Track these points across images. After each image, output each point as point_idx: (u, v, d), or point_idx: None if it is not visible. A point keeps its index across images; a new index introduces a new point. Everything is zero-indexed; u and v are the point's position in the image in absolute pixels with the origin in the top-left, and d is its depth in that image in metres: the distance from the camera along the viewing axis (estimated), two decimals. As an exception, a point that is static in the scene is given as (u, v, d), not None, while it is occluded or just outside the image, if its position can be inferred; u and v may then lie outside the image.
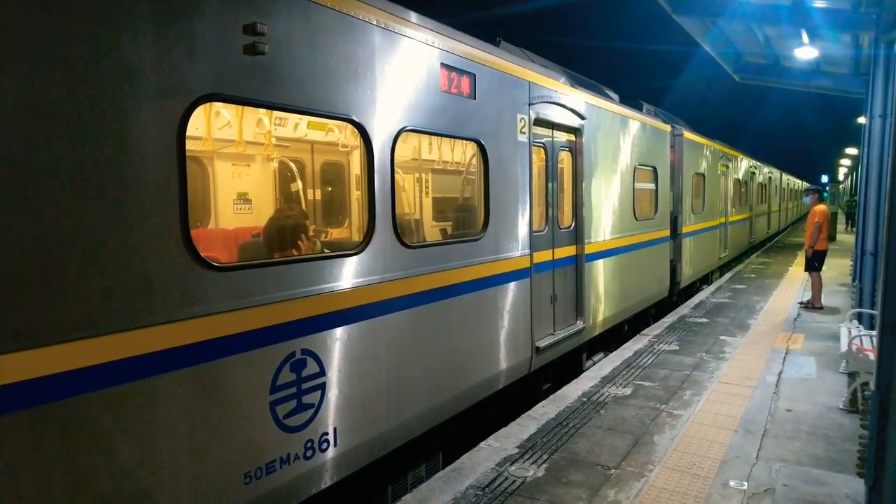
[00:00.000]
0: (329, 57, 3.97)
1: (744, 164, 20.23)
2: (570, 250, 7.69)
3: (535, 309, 6.63)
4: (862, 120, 13.33)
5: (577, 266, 7.88)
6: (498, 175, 5.93)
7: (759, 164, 24.19)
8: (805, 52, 12.12)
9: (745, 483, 4.62)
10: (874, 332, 6.35)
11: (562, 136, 7.51)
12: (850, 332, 6.85)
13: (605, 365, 7.88)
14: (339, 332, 4.09)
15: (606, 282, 8.72)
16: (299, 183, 6.52)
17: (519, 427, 5.76)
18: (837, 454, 5.17)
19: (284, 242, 4.41)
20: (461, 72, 5.34)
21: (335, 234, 6.62)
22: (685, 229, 12.77)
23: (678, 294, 12.93)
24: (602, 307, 8.59)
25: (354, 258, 4.23)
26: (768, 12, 10.32)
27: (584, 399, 6.55)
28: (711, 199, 15.24)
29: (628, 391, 6.80)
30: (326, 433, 3.99)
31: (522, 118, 6.35)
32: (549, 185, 7.20)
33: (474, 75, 5.51)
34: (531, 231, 6.53)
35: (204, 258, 3.26)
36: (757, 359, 8.07)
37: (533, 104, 6.54)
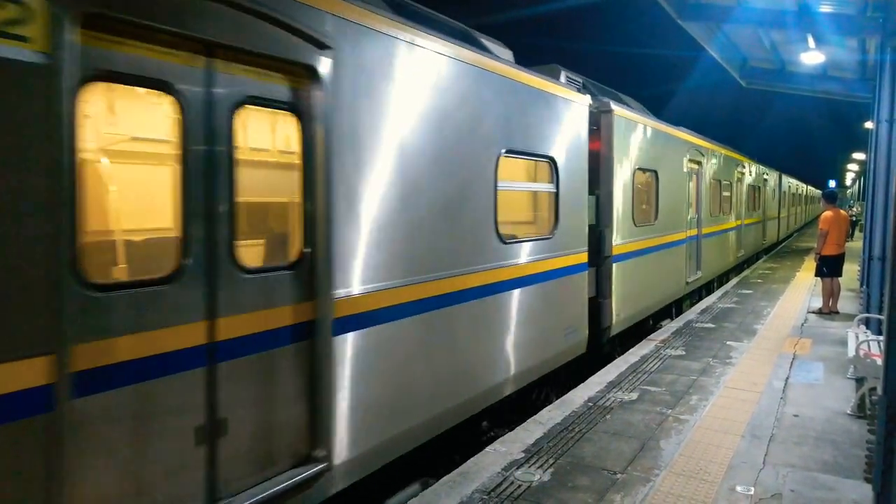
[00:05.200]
0: None
1: (727, 161, 16.25)
2: (281, 315, 3.71)
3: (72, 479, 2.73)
4: (869, 125, 13.29)
5: (318, 343, 3.89)
6: None
7: (750, 163, 19.83)
8: (811, 57, 12.12)
9: (752, 488, 4.61)
10: (882, 338, 6.34)
11: (260, 79, 3.60)
12: (857, 338, 6.83)
13: (611, 370, 7.86)
14: None
15: (409, 361, 4.69)
16: None
17: (525, 432, 5.75)
18: (845, 460, 5.15)
19: None
20: None
21: None
22: (619, 249, 8.82)
23: (612, 341, 8.95)
24: (390, 414, 4.50)
25: None
26: (774, 17, 10.34)
27: (590, 404, 6.54)
28: (672, 206, 11.30)
29: (634, 396, 6.79)
30: None
31: (53, 14, 2.59)
32: (208, 177, 3.33)
33: None
34: (68, 290, 2.68)
35: None
36: (764, 364, 8.04)
37: None
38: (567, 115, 7.23)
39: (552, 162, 6.87)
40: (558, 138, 7.00)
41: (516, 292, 6.17)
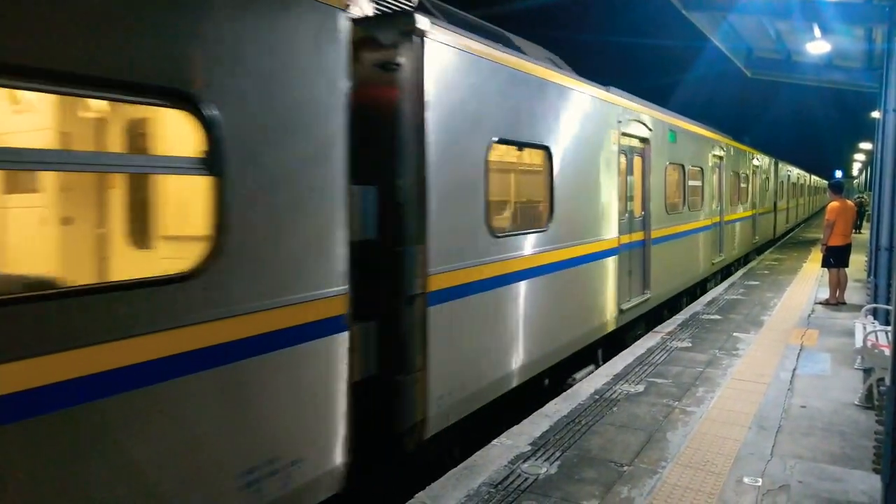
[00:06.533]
0: None
1: (695, 141, 12.49)
2: None
3: None
4: (876, 114, 13.21)
5: None
6: None
7: (733, 146, 16.12)
8: (817, 47, 12.07)
9: (760, 479, 4.60)
10: (889, 328, 6.32)
11: None
12: (864, 328, 6.80)
13: (617, 362, 7.86)
14: None
15: None
16: None
17: (531, 425, 5.76)
18: (853, 451, 5.14)
19: None
20: None
21: None
22: (446, 280, 4.94)
23: (445, 439, 5.15)
24: None
25: None
26: (779, 6, 10.29)
27: (597, 396, 6.54)
28: (589, 202, 7.65)
29: (641, 388, 6.78)
30: None
31: None
32: None
33: None
34: None
35: None
36: (771, 355, 8.02)
37: None
38: (268, 21, 3.43)
39: (202, 114, 3.06)
40: (234, 65, 3.25)
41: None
